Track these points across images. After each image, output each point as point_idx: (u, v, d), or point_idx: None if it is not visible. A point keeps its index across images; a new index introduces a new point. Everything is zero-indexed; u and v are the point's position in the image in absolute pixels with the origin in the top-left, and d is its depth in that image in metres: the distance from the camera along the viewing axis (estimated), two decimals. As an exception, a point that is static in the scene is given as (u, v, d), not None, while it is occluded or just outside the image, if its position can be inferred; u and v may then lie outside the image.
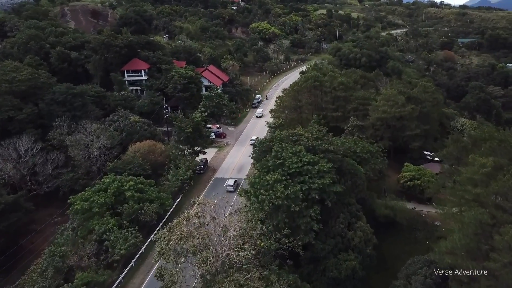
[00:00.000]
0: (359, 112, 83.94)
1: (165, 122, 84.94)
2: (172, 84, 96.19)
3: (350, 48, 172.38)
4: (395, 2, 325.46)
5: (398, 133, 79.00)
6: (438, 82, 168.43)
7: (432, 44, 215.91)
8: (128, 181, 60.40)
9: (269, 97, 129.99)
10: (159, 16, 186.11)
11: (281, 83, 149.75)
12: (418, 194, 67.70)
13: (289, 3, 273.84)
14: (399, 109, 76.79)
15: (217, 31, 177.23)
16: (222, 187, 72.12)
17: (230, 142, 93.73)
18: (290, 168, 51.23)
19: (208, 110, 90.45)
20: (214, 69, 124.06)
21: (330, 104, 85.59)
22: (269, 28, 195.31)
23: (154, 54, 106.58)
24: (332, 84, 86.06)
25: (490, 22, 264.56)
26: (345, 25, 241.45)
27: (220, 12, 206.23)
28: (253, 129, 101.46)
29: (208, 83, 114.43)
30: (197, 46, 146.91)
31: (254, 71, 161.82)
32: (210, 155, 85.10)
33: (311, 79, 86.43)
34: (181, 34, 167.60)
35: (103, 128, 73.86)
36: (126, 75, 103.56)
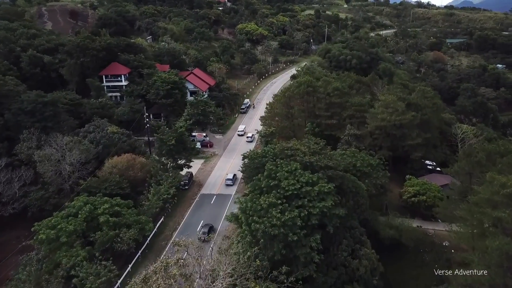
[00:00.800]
0: (356, 119, 77.95)
1: (146, 132, 77.60)
2: (154, 90, 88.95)
3: (340, 49, 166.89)
4: (383, 3, 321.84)
5: (398, 142, 73.20)
6: (429, 84, 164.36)
7: (421, 45, 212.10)
8: (103, 203, 53.12)
9: (258, 101, 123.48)
10: (142, 17, 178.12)
11: (270, 86, 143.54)
12: (423, 210, 61.86)
13: (276, 3, 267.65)
14: (399, 116, 70.98)
15: (202, 32, 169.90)
16: (209, 204, 65.36)
17: (217, 152, 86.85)
18: (287, 190, 44.75)
19: (193, 118, 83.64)
20: (200, 73, 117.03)
21: (325, 111, 79.42)
22: (256, 29, 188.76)
23: (135, 58, 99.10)
24: (326, 90, 79.93)
25: (477, 23, 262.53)
26: (333, 26, 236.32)
27: (206, 13, 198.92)
28: (242, 137, 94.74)
29: (194, 87, 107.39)
30: (182, 48, 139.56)
31: (241, 74, 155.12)
32: (196, 167, 78.16)
33: (303, 85, 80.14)
34: (165, 35, 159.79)
35: (76, 141, 66.31)
36: (105, 80, 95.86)
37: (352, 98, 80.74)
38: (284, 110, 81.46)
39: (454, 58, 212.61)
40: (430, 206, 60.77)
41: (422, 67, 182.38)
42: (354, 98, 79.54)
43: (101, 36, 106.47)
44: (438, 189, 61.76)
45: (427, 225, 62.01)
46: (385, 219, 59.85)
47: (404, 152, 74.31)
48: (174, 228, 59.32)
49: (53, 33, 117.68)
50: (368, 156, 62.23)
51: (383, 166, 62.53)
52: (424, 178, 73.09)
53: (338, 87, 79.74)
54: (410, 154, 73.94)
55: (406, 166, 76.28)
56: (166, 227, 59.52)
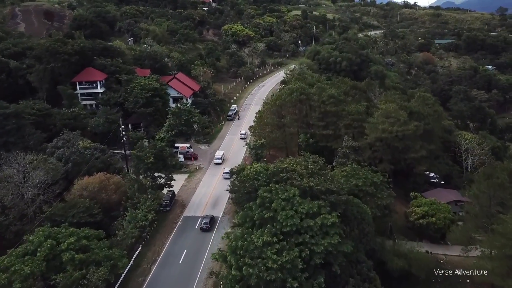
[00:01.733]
0: (353, 129, 71.25)
1: (123, 145, 69.52)
2: (132, 98, 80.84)
3: (329, 51, 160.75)
4: (369, 3, 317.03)
5: (400, 155, 66.65)
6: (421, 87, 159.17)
7: (410, 46, 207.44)
8: (68, 236, 45.05)
9: (246, 107, 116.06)
10: (123, 18, 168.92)
11: (258, 90, 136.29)
12: (433, 233, 55.32)
13: (262, 3, 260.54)
14: (401, 127, 64.39)
15: (186, 34, 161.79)
16: (193, 230, 57.64)
17: (202, 165, 79.13)
18: (284, 224, 37.54)
19: (176, 128, 75.84)
20: (184, 77, 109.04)
21: (319, 121, 72.52)
22: (242, 30, 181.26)
23: (113, 62, 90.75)
24: (320, 98, 73.03)
25: (464, 23, 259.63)
26: (321, 27, 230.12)
27: (190, 13, 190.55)
28: (229, 147, 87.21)
29: (176, 93, 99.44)
30: (164, 50, 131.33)
31: (228, 77, 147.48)
32: (179, 184, 70.31)
33: (296, 92, 73.13)
34: (147, 37, 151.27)
35: (41, 159, 58.00)
36: (78, 88, 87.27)
37: (348, 106, 73.95)
38: (275, 119, 74.30)
39: (443, 59, 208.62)
40: (440, 228, 54.33)
41: (413, 69, 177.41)
42: (351, 106, 72.77)
43: (75, 38, 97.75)
44: (449, 210, 55.28)
45: (436, 249, 55.54)
46: (391, 245, 53.17)
47: (406, 165, 67.82)
48: (153, 260, 51.50)
49: (23, 36, 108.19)
50: (371, 173, 55.52)
51: (387, 184, 55.97)
52: (428, 193, 66.92)
53: (334, 94, 72.90)
54: (413, 168, 67.49)
55: (408, 180, 69.91)
56: (144, 259, 51.65)
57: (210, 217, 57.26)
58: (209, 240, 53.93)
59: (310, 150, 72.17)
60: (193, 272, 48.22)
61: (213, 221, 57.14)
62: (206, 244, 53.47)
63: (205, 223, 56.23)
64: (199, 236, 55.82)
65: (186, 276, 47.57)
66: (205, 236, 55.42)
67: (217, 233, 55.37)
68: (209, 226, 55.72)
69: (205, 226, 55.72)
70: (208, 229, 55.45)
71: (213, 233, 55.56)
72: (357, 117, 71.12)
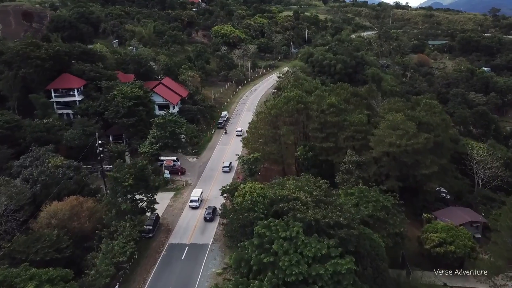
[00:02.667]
0: (356, 141, 64.42)
1: (100, 162, 61.80)
2: (113, 107, 73.09)
3: (323, 53, 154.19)
4: (361, 4, 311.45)
5: (409, 170, 59.99)
6: (418, 90, 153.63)
7: (404, 47, 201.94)
8: (27, 280, 37.55)
9: (237, 113, 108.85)
10: (108, 19, 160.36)
11: (249, 94, 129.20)
12: (451, 262, 48.65)
13: (253, 4, 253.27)
14: (411, 140, 57.68)
15: (174, 35, 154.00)
16: (179, 260, 50.26)
17: (190, 180, 71.68)
18: (288, 273, 30.45)
19: (160, 141, 68.30)
20: (170, 83, 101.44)
21: (319, 132, 65.54)
22: (233, 31, 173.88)
23: (92, 67, 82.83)
24: (320, 107, 66.05)
25: (457, 24, 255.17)
26: (313, 28, 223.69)
27: (178, 14, 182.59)
28: (220, 159, 79.93)
29: (163, 100, 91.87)
30: (151, 53, 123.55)
31: (218, 81, 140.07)
32: (164, 203, 62.95)
33: (293, 101, 66.08)
34: (132, 39, 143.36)
35: (3, 181, 50.23)
36: (54, 96, 79.22)
37: (350, 115, 67.09)
38: (270, 131, 67.16)
39: (438, 60, 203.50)
40: (459, 257, 47.74)
41: (408, 71, 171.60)
42: (353, 116, 65.92)
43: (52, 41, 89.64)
44: (469, 236, 48.68)
45: (455, 280, 48.80)
46: (405, 278, 46.46)
47: (415, 182, 61.18)
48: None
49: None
50: (381, 195, 48.80)
51: (399, 208, 49.34)
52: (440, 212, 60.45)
53: (334, 103, 65.96)
54: (422, 184, 60.88)
55: (417, 197, 63.27)
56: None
57: (213, 208, 59.53)
58: (197, 276, 46.59)
59: (309, 164, 65.58)
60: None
61: (215, 212, 59.20)
62: (194, 279, 46.17)
63: (207, 213, 58.61)
64: (186, 269, 48.43)
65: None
66: (193, 269, 48.08)
67: (206, 264, 48.27)
68: (212, 216, 58.25)
69: (208, 217, 58.22)
70: (211, 219, 58.08)
71: (202, 267, 48.25)
72: (360, 128, 64.31)
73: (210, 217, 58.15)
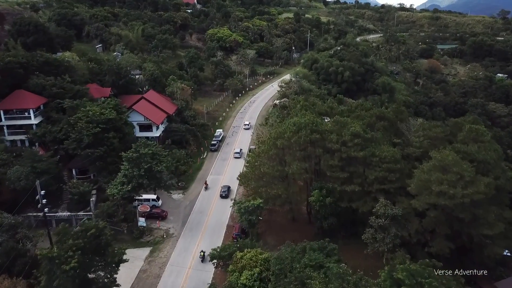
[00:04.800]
0: (390, 184, 48.21)
1: (44, 221, 45.28)
2: (75, 135, 56.71)
3: (329, 60, 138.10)
4: (363, 5, 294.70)
5: (464, 228, 43.86)
6: (433, 100, 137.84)
7: (413, 52, 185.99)
8: None
9: (234, 131, 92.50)
10: (92, 21, 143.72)
11: (248, 107, 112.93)
12: None
13: (251, 5, 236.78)
14: (468, 189, 41.55)
15: (165, 40, 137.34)
16: None
17: (173, 228, 55.34)
18: None
19: (134, 181, 51.89)
20: (155, 97, 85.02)
21: (339, 171, 49.29)
22: (229, 34, 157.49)
23: (56, 81, 66.35)
24: (340, 137, 49.84)
25: (466, 27, 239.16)
26: (315, 31, 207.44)
27: (171, 16, 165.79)
28: (211, 195, 63.79)
29: (144, 120, 75.56)
30: (136, 60, 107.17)
31: (213, 91, 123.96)
32: (136, 265, 46.79)
33: (305, 129, 49.79)
34: (118, 44, 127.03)
35: None
36: (4, 118, 62.66)
37: (378, 147, 50.89)
38: (275, 168, 50.77)
39: (448, 66, 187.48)
40: None
41: (420, 78, 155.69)
42: (383, 149, 49.70)
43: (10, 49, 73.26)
44: None
45: None
46: None
47: (471, 242, 45.07)
48: None
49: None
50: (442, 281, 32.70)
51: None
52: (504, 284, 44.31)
53: (359, 132, 49.74)
54: (482, 247, 44.71)
55: (471, 259, 47.14)
56: None
57: (227, 187, 63.35)
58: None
59: (327, 212, 49.44)
60: None
61: (229, 190, 62.90)
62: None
63: (223, 191, 62.24)
64: None
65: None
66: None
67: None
68: (228, 193, 61.88)
69: (224, 194, 61.84)
70: (226, 196, 61.41)
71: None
72: (393, 166, 48.07)
73: (226, 194, 59.56)
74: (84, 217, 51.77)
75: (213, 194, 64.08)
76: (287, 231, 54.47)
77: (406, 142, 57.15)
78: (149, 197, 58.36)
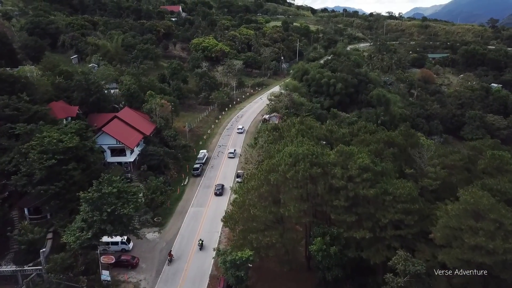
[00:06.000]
0: (407, 230, 39.26)
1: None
2: (25, 168, 46.68)
3: (320, 71, 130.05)
4: (352, 14, 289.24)
5: (503, 286, 35.12)
6: (430, 112, 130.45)
7: (405, 61, 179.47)
8: None
9: (220, 151, 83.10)
10: (68, 30, 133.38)
11: (235, 122, 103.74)
12: None
13: (238, 14, 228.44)
14: (509, 243, 32.88)
15: (146, 50, 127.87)
16: None
17: (145, 281, 45.34)
18: None
19: (95, 226, 41.93)
20: (131, 115, 75.33)
21: (345, 213, 40.20)
22: (215, 44, 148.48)
23: (9, 101, 56.23)
24: (346, 171, 40.84)
25: (456, 35, 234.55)
26: (304, 39, 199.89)
27: (153, 25, 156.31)
28: (192, 233, 54.15)
29: (116, 143, 65.69)
30: (112, 73, 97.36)
31: (197, 105, 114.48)
32: None
33: (304, 161, 40.67)
34: (95, 54, 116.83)
35: None
36: None
37: (390, 181, 42.00)
38: (268, 208, 41.42)
39: (440, 75, 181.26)
40: None
41: (414, 89, 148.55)
42: (397, 184, 40.79)
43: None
44: None
45: None
46: None
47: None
48: None
49: None
50: None
51: None
52: None
53: (368, 165, 40.83)
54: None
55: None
56: None
57: (221, 185, 63.46)
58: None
59: (331, 263, 40.24)
60: None
61: (223, 188, 63.19)
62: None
63: (218, 189, 62.96)
64: None
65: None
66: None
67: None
68: (222, 191, 62.68)
69: (218, 192, 62.65)
70: (221, 194, 62.70)
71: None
72: (410, 206, 39.22)
73: (220, 192, 60.80)
74: (32, 273, 41.58)
75: (197, 226, 54.42)
76: (282, 281, 45.28)
77: (419, 171, 48.46)
78: (116, 240, 48.48)
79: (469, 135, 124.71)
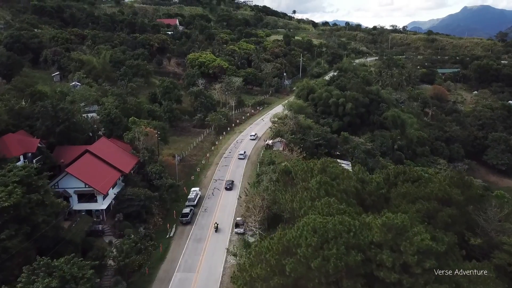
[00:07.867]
0: None
1: None
2: None
3: (327, 89, 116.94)
4: (354, 27, 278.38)
5: None
6: (449, 134, 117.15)
7: (415, 77, 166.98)
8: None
9: (216, 187, 68.88)
10: (52, 44, 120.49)
11: (234, 148, 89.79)
12: None
13: (237, 27, 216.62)
14: None
15: (137, 65, 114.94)
16: None
17: None
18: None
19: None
20: (108, 148, 61.45)
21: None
22: (213, 59, 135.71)
23: None
24: (399, 258, 26.84)
25: (464, 49, 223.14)
26: (307, 54, 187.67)
27: (146, 38, 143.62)
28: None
29: (85, 187, 51.67)
30: (93, 94, 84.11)
31: (192, 127, 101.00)
32: None
33: (336, 242, 26.68)
34: (79, 71, 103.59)
35: None
36: None
37: (459, 265, 28.11)
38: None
39: (452, 91, 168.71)
40: None
41: (429, 108, 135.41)
42: (474, 278, 26.89)
43: None
44: None
45: None
46: None
47: None
48: None
49: None
50: None
51: None
52: None
53: (430, 245, 26.93)
54: None
55: None
56: None
57: (231, 181, 67.31)
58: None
59: None
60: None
61: (233, 184, 66.85)
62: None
63: (228, 184, 66.15)
64: None
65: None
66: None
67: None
68: (232, 186, 65.76)
69: (228, 187, 65.76)
70: (231, 188, 65.82)
71: None
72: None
73: (230, 187, 65.37)
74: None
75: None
76: None
77: (488, 242, 34.48)
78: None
79: (494, 160, 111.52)
